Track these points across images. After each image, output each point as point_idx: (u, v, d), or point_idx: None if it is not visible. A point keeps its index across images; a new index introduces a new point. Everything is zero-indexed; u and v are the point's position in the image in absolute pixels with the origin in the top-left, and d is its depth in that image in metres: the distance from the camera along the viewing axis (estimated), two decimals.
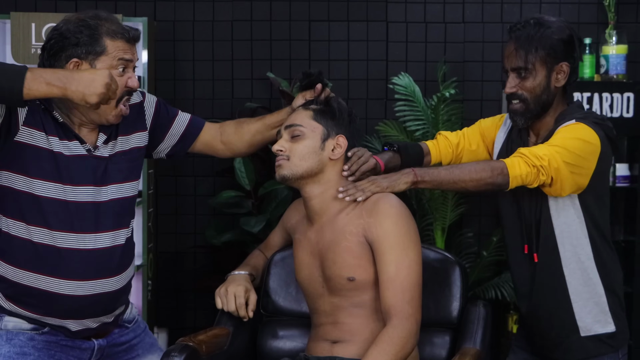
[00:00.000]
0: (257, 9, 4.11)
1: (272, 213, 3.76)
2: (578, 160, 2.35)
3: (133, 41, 2.26)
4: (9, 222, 2.22)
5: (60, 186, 2.20)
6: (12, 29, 3.61)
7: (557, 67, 2.43)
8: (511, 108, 2.47)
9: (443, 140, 2.70)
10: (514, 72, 2.43)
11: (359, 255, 2.29)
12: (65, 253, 2.21)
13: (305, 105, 2.42)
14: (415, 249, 2.27)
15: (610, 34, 3.90)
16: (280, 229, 2.62)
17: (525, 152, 2.34)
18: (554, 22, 2.44)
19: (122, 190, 2.31)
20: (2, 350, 2.21)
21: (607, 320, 2.46)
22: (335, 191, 2.35)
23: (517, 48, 2.40)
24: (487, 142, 2.67)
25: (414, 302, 2.22)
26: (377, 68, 4.09)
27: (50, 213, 2.19)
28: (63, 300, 2.22)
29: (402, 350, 2.16)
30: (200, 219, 4.15)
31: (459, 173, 2.34)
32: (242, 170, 3.77)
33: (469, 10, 4.10)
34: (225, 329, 2.43)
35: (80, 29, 2.19)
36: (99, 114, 2.23)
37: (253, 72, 4.11)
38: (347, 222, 2.32)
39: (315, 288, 2.38)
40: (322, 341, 2.35)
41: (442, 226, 3.76)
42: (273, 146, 2.37)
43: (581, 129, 2.38)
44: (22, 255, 2.21)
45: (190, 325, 4.09)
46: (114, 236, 2.28)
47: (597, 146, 2.39)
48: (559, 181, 2.34)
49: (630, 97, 3.84)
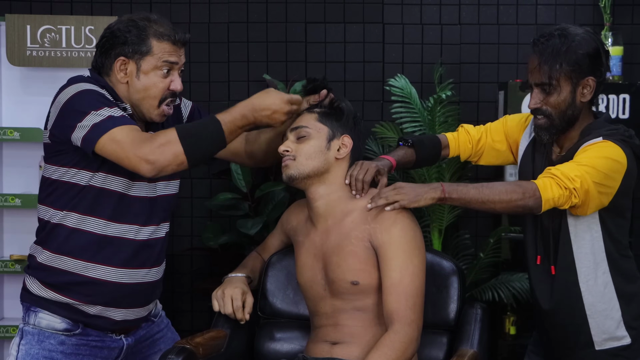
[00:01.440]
0: (253, 11, 4.11)
1: (269, 215, 3.75)
2: (606, 180, 2.31)
3: (180, 44, 2.35)
4: (61, 214, 2.31)
5: (125, 180, 2.31)
6: (7, 31, 3.61)
7: (582, 82, 2.35)
8: (536, 123, 2.41)
9: (464, 135, 2.65)
10: (537, 87, 2.37)
11: (364, 260, 2.30)
12: (117, 241, 2.31)
13: (310, 109, 2.43)
14: (419, 256, 2.28)
15: (606, 36, 3.90)
16: (279, 231, 2.62)
17: (557, 173, 2.27)
18: (579, 34, 2.35)
19: (169, 187, 2.44)
20: (31, 350, 2.31)
21: (623, 334, 2.41)
22: (341, 193, 2.36)
23: (541, 63, 2.33)
24: (510, 141, 2.61)
25: (417, 309, 2.23)
26: (373, 70, 4.08)
27: (111, 206, 2.30)
28: (108, 287, 2.32)
29: (402, 355, 2.18)
30: (197, 221, 4.14)
31: (488, 193, 2.27)
32: (239, 172, 3.77)
33: (465, 12, 4.10)
34: (222, 331, 2.43)
35: (130, 28, 2.30)
36: (143, 112, 2.34)
37: (249, 74, 4.11)
38: (353, 227, 2.32)
39: (317, 291, 2.38)
40: (322, 342, 2.35)
41: (439, 228, 3.76)
42: (279, 147, 2.38)
43: (609, 148, 2.32)
44: (73, 244, 2.31)
45: (187, 328, 4.07)
46: (158, 230, 2.41)
47: (624, 165, 2.33)
48: (587, 202, 2.30)
49: (626, 98, 3.84)
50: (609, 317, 2.40)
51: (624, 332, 2.41)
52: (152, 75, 2.31)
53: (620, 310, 2.40)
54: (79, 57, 3.62)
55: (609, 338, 2.41)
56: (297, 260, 2.45)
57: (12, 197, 3.60)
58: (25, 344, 2.32)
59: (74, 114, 2.22)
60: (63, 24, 3.63)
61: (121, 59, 2.30)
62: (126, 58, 2.30)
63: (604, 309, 2.39)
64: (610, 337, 2.41)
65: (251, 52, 4.11)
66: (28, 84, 3.73)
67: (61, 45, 3.63)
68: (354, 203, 2.37)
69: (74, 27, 3.63)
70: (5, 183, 3.77)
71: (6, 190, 3.74)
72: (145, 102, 2.33)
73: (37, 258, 2.36)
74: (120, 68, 2.31)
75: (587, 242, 2.38)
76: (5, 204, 3.60)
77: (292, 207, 2.58)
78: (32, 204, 3.22)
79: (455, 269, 2.48)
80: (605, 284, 2.39)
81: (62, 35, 3.63)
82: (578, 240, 2.38)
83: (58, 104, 2.27)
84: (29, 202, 3.54)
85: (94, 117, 2.19)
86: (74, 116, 2.22)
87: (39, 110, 3.60)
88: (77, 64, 3.61)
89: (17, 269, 3.57)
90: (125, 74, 2.31)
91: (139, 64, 2.30)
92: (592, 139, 2.35)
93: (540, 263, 2.44)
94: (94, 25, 3.63)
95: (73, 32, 3.63)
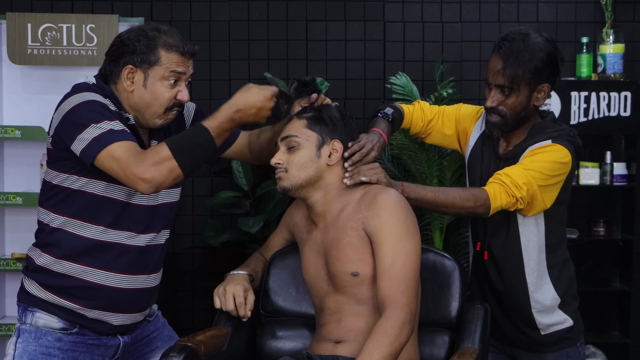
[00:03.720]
0: (254, 9, 4.10)
1: (270, 213, 3.75)
2: (551, 180, 2.50)
3: (188, 55, 2.37)
4: (62, 219, 2.33)
5: (126, 189, 2.32)
6: (8, 29, 3.61)
7: (539, 87, 2.52)
8: (489, 120, 2.57)
9: (418, 112, 2.77)
10: (497, 88, 2.51)
11: (361, 250, 2.31)
12: (116, 247, 2.33)
13: (299, 113, 2.45)
14: (412, 241, 2.28)
15: (608, 33, 3.90)
16: (282, 229, 2.62)
17: (507, 181, 2.45)
18: (540, 42, 2.49)
19: (170, 195, 2.46)
20: (28, 347, 2.33)
21: (565, 318, 2.62)
22: (336, 192, 2.39)
23: (505, 67, 2.47)
24: (459, 129, 2.75)
25: (409, 292, 2.23)
26: (374, 68, 4.08)
27: (111, 213, 2.33)
28: (107, 292, 2.34)
29: (396, 340, 2.17)
30: (198, 219, 4.14)
31: (443, 198, 2.44)
32: (240, 171, 3.76)
33: (466, 10, 4.10)
34: (223, 329, 2.43)
35: (139, 37, 2.32)
36: (146, 119, 2.36)
37: (250, 73, 4.10)
38: (347, 219, 2.34)
39: (321, 287, 2.40)
40: (326, 341, 2.36)
41: (440, 226, 3.75)
42: (271, 160, 2.41)
43: (557, 152, 2.50)
44: (72, 249, 2.33)
45: (188, 327, 4.08)
46: (159, 237, 2.43)
47: (569, 164, 2.53)
48: (532, 205, 2.50)
49: (628, 96, 3.85)
50: (551, 305, 2.60)
51: (565, 316, 2.62)
52: (159, 85, 2.32)
53: (561, 299, 2.61)
54: (80, 56, 3.62)
55: (552, 324, 2.61)
56: (302, 258, 2.47)
57: (13, 195, 3.60)
58: (22, 342, 2.34)
59: (75, 125, 2.23)
60: (64, 22, 3.63)
61: (129, 67, 2.32)
62: (134, 67, 2.32)
63: (546, 299, 2.59)
64: (553, 322, 2.61)
65: (252, 50, 4.11)
66: (29, 83, 3.73)
67: (62, 44, 3.63)
68: (349, 197, 2.39)
69: (74, 26, 3.63)
70: (7, 181, 3.77)
71: (7, 189, 3.74)
72: (150, 110, 2.34)
73: (35, 260, 2.38)
74: (128, 76, 2.32)
75: (532, 236, 2.57)
76: (7, 202, 3.60)
77: (294, 205, 2.59)
78: (34, 203, 3.21)
79: (457, 268, 2.48)
80: (545, 274, 2.59)
81: (63, 33, 3.63)
82: (525, 234, 2.57)
83: (61, 112, 2.28)
84: (30, 201, 3.54)
85: (94, 130, 2.21)
86: (75, 128, 2.23)
87: (40, 108, 3.62)
88: (78, 63, 3.61)
89: (19, 268, 3.57)
90: (132, 83, 2.33)
91: (147, 73, 2.32)
92: (541, 140, 2.52)
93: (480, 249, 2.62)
94: (94, 23, 3.63)
95: (74, 31, 3.63)
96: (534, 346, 2.65)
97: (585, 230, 4.02)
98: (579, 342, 2.67)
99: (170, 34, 2.35)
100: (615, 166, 3.91)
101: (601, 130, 3.89)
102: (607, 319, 4.11)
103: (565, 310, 2.63)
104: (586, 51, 3.94)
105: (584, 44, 3.94)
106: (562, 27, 4.08)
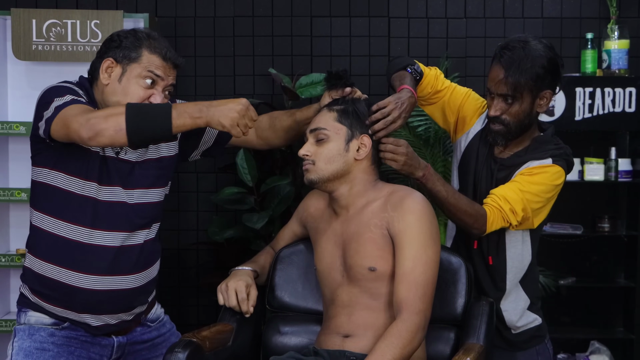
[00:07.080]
0: (258, 4, 4.10)
1: (275, 209, 3.75)
2: (545, 202, 2.54)
3: (170, 62, 2.36)
4: (39, 216, 2.34)
5: (94, 185, 2.30)
6: (13, 25, 3.61)
7: (541, 94, 2.50)
8: (493, 128, 2.55)
9: (432, 78, 2.69)
10: (500, 97, 2.49)
11: (382, 247, 2.31)
12: (88, 248, 2.31)
13: (330, 105, 2.43)
14: (434, 248, 2.29)
15: (612, 29, 3.90)
16: (294, 221, 2.62)
17: (505, 207, 2.46)
18: (541, 49, 2.47)
19: (148, 195, 2.41)
20: (23, 344, 2.35)
21: (534, 317, 2.67)
22: (362, 187, 2.39)
23: (507, 76, 2.45)
24: (460, 114, 2.70)
25: (426, 299, 2.24)
26: (379, 64, 4.08)
27: (81, 210, 2.30)
28: (82, 294, 2.32)
29: (409, 344, 2.18)
30: (202, 215, 4.15)
31: (453, 202, 2.45)
32: (245, 167, 3.76)
33: (470, 6, 4.10)
34: (228, 325, 2.44)
35: (128, 35, 2.35)
36: None
37: (255, 68, 4.11)
38: (372, 216, 2.34)
39: (334, 277, 2.39)
40: (334, 335, 2.36)
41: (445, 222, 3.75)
42: (299, 151, 2.39)
43: (555, 173, 2.52)
44: (47, 248, 2.33)
45: (193, 322, 4.08)
46: (133, 236, 2.38)
47: (562, 185, 2.57)
48: (520, 225, 2.53)
49: (633, 91, 3.84)
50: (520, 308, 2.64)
51: (534, 316, 2.67)
52: (133, 83, 2.31)
53: (531, 302, 2.66)
54: (85, 52, 3.62)
55: (523, 325, 2.65)
56: (317, 247, 2.46)
57: (18, 191, 3.61)
58: (18, 340, 2.36)
59: (42, 107, 2.24)
60: (69, 18, 3.63)
61: (109, 60, 2.32)
62: (115, 61, 2.32)
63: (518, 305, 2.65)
64: (524, 324, 2.66)
65: (257, 46, 4.11)
66: (34, 78, 3.74)
67: (67, 40, 3.63)
68: (375, 193, 2.38)
69: (79, 22, 3.62)
70: (12, 177, 3.78)
71: (12, 185, 3.75)
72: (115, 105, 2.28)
73: (25, 262, 2.41)
74: (107, 70, 2.33)
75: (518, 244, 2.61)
76: (12, 198, 3.61)
77: (310, 195, 2.58)
78: None
79: (463, 265, 2.48)
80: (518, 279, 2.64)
81: (67, 29, 3.63)
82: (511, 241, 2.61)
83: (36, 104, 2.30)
84: None
85: (56, 103, 2.20)
86: (42, 109, 2.23)
87: None
88: (83, 59, 3.61)
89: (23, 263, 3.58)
90: (109, 76, 2.33)
91: (125, 69, 2.32)
92: (541, 157, 2.53)
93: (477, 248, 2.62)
94: (99, 19, 3.63)
95: (79, 27, 3.62)
96: (506, 345, 2.67)
97: (590, 226, 4.02)
98: (545, 338, 2.72)
99: (159, 40, 2.36)
100: (620, 162, 3.91)
101: (606, 126, 3.89)
102: (612, 315, 4.11)
103: (533, 310, 2.67)
104: (591, 47, 3.93)
105: (589, 40, 3.94)
106: (567, 22, 4.08)
